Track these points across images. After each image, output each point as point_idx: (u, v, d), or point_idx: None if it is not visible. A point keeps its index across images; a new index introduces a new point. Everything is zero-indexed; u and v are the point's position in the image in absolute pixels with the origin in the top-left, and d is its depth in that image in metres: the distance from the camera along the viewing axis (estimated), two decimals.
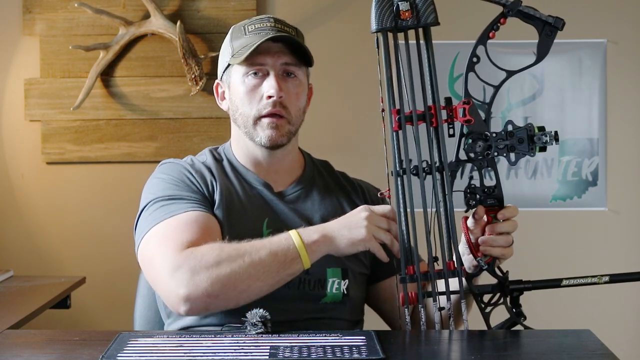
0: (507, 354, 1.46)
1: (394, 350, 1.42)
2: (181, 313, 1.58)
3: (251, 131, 1.73)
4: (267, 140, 1.72)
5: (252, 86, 1.72)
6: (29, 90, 3.32)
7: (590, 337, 1.52)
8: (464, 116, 1.62)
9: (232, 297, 1.56)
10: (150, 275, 1.65)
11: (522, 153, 1.63)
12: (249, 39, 1.72)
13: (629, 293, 3.30)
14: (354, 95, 3.38)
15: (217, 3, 3.33)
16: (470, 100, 1.63)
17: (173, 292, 1.56)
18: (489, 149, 1.63)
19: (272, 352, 1.39)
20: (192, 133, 3.30)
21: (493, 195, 1.64)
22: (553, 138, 1.62)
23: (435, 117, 1.62)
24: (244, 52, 1.70)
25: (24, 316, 2.33)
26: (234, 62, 1.73)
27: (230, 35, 1.78)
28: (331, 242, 1.59)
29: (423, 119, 1.62)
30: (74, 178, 3.35)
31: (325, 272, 1.71)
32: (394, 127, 1.61)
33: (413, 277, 1.57)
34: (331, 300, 1.71)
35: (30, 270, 3.27)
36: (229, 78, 1.77)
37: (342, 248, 1.60)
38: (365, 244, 1.59)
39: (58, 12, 3.31)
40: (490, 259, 1.61)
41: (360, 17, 3.39)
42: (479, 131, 1.63)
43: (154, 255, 1.62)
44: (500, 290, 1.62)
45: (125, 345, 1.43)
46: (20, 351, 1.45)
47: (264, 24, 1.74)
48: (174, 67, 3.31)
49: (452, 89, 3.34)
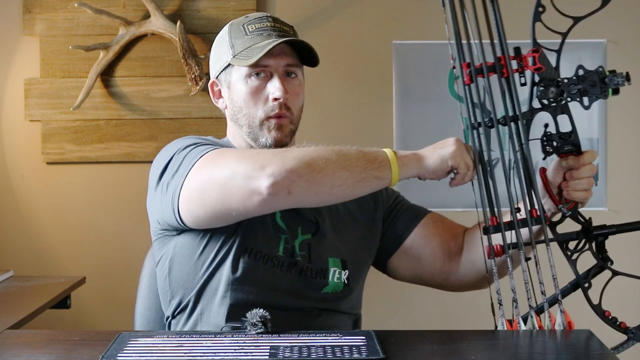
0: (507, 354, 1.46)
1: (394, 350, 1.42)
2: (262, 190, 1.50)
3: (256, 132, 1.73)
4: (272, 141, 1.72)
5: (256, 87, 1.72)
6: (29, 90, 3.32)
7: (590, 337, 1.52)
8: (534, 64, 1.63)
9: (316, 180, 1.52)
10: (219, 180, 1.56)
11: (595, 96, 1.64)
12: (252, 39, 1.72)
13: (629, 293, 3.30)
14: (354, 95, 3.39)
15: (217, 3, 3.33)
16: (539, 48, 1.63)
17: (256, 171, 1.51)
18: (561, 94, 1.64)
19: (272, 352, 1.39)
20: (192, 133, 3.29)
21: (570, 141, 1.66)
22: (625, 79, 1.62)
23: (505, 68, 1.63)
24: (253, 54, 1.69)
25: (24, 316, 2.33)
26: (242, 64, 1.70)
27: (229, 33, 1.75)
28: (421, 159, 1.61)
29: (493, 70, 1.63)
30: (74, 178, 3.35)
31: (327, 261, 1.72)
32: (466, 81, 1.64)
33: (497, 228, 1.60)
34: (332, 290, 1.72)
35: (30, 270, 3.28)
36: (228, 77, 1.76)
37: (432, 165, 1.61)
38: (454, 159, 1.60)
39: (58, 12, 3.31)
40: (572, 205, 1.64)
41: (360, 17, 3.39)
42: (550, 78, 1.63)
43: (226, 163, 1.57)
44: (585, 235, 1.63)
45: (125, 345, 1.43)
46: (20, 351, 1.45)
47: (264, 24, 1.73)
48: (174, 67, 3.31)
49: (452, 89, 3.34)
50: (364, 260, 1.81)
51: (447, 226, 1.86)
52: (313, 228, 1.74)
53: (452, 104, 3.34)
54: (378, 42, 3.37)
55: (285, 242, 1.70)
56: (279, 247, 1.70)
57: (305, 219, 1.74)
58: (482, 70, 1.62)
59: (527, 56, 1.63)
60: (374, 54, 3.39)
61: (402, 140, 3.36)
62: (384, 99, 3.37)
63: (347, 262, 1.75)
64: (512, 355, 1.46)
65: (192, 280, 1.70)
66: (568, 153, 1.65)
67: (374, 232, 1.83)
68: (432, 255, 1.83)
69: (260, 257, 1.68)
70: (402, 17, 3.39)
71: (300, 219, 1.74)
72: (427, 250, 1.83)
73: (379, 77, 3.36)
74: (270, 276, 1.68)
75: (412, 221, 1.84)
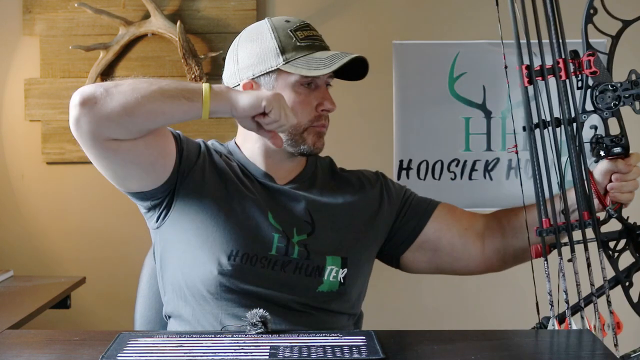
0: (507, 354, 1.46)
1: (394, 350, 1.42)
2: (75, 104, 1.54)
3: (297, 139, 1.74)
4: (313, 148, 1.75)
5: (305, 96, 1.73)
6: (29, 90, 3.32)
7: (590, 337, 1.52)
8: (589, 68, 1.66)
9: (124, 91, 1.54)
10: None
11: None
12: (306, 48, 1.73)
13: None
14: (354, 95, 3.38)
15: (217, 3, 3.33)
16: (594, 52, 1.66)
17: (75, 94, 1.56)
18: (617, 99, 1.68)
19: (272, 352, 1.39)
20: (192, 133, 3.27)
21: (620, 144, 1.69)
22: None
23: (564, 71, 1.66)
24: (317, 65, 1.70)
25: (24, 316, 2.33)
26: (305, 74, 1.70)
27: (276, 37, 1.73)
28: (236, 93, 1.59)
29: (551, 73, 1.67)
30: (74, 178, 3.35)
31: (325, 259, 1.72)
32: (525, 83, 1.67)
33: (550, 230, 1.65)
34: (328, 289, 1.72)
35: (30, 270, 3.28)
36: (271, 81, 1.73)
37: (243, 100, 1.58)
38: (269, 101, 1.58)
39: (58, 12, 3.31)
40: (617, 206, 1.70)
41: (360, 17, 3.39)
42: (603, 82, 1.67)
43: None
44: (627, 235, 1.68)
45: (125, 345, 1.43)
46: (20, 351, 1.45)
47: (311, 33, 1.76)
48: (174, 67, 3.31)
49: (452, 89, 3.34)
50: (365, 259, 1.81)
51: (461, 215, 1.88)
52: (308, 229, 1.74)
53: (452, 103, 3.34)
54: (378, 42, 3.37)
55: (279, 241, 1.70)
56: (272, 246, 1.70)
57: (300, 219, 1.74)
58: (541, 73, 1.66)
59: (583, 59, 1.66)
60: (374, 54, 3.38)
61: (402, 140, 3.36)
62: (384, 99, 3.36)
63: (348, 260, 1.75)
64: (512, 355, 1.46)
65: (180, 280, 1.71)
66: (617, 156, 1.68)
67: (375, 232, 1.83)
68: (449, 245, 1.85)
69: (248, 259, 1.68)
70: (402, 17, 3.39)
71: (295, 219, 1.74)
72: (442, 241, 1.85)
73: (379, 77, 3.36)
74: (258, 277, 1.68)
75: (424, 215, 1.86)
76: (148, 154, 1.63)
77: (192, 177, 1.71)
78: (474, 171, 3.35)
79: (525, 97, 1.66)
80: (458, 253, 1.85)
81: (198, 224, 1.70)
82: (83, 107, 1.54)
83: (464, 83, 3.34)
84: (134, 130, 1.57)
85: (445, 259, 1.86)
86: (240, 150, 1.81)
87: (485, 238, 1.85)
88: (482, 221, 1.88)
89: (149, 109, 1.55)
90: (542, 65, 1.65)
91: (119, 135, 1.57)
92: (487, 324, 3.29)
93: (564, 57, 1.65)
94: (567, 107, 1.67)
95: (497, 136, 3.34)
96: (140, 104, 1.54)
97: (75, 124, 1.56)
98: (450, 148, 3.36)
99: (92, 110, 1.54)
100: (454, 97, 3.35)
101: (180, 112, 1.58)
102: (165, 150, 1.67)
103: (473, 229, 1.86)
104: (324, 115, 1.76)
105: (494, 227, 1.85)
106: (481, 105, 3.35)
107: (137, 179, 1.67)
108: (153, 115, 1.56)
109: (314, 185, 1.81)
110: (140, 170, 1.65)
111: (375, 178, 1.88)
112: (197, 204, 1.70)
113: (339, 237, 1.76)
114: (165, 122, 1.60)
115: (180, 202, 1.71)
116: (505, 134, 3.33)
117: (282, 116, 1.60)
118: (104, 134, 1.56)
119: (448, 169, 3.36)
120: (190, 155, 1.72)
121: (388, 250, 1.86)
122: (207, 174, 1.72)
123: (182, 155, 1.70)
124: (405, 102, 3.36)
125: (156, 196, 1.70)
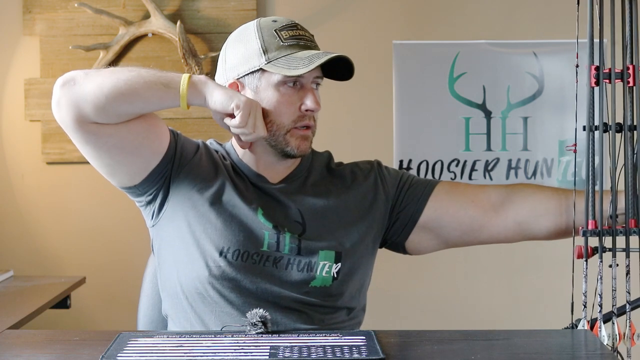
0: (507, 354, 1.46)
1: (394, 350, 1.42)
2: (57, 87, 1.63)
3: (280, 140, 1.73)
4: (297, 150, 1.73)
5: (289, 96, 1.72)
6: (29, 90, 3.32)
7: (590, 337, 1.52)
8: None
9: (104, 74, 1.61)
10: None
11: None
12: (289, 48, 1.71)
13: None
14: (354, 95, 3.38)
15: (217, 3, 3.34)
16: None
17: (56, 81, 1.64)
18: None
19: (272, 352, 1.39)
20: (192, 133, 3.29)
21: None
22: None
23: (632, 77, 1.67)
24: (297, 64, 1.68)
25: (24, 316, 2.33)
26: (284, 73, 1.69)
27: (260, 37, 1.73)
28: (212, 87, 1.64)
29: (619, 78, 1.67)
30: (74, 178, 3.35)
31: (318, 254, 1.72)
32: (592, 84, 1.67)
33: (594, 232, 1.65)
34: (320, 284, 1.72)
35: (30, 270, 3.28)
36: (255, 81, 1.73)
37: (217, 95, 1.63)
38: (241, 102, 1.62)
39: (58, 12, 3.32)
40: None
41: (360, 17, 3.39)
42: None
43: None
44: None
45: (125, 345, 1.43)
46: (20, 351, 1.45)
47: (295, 32, 1.73)
48: (174, 67, 3.31)
49: (452, 89, 3.34)
50: (361, 252, 1.80)
51: (465, 189, 1.86)
52: (299, 229, 1.74)
53: (452, 103, 3.34)
54: (378, 42, 3.37)
55: (270, 237, 1.70)
56: (263, 242, 1.70)
57: (291, 219, 1.74)
58: (609, 76, 1.66)
59: None
60: (374, 54, 3.39)
61: (402, 140, 3.36)
62: (384, 99, 3.37)
63: (343, 254, 1.75)
64: (512, 355, 1.46)
65: (174, 277, 1.72)
66: None
67: (371, 223, 1.81)
68: (454, 220, 1.83)
69: (239, 255, 1.68)
70: (402, 17, 3.39)
71: (286, 219, 1.73)
72: (445, 217, 1.83)
73: (379, 77, 3.36)
74: (251, 273, 1.68)
75: (422, 198, 1.83)
76: (132, 138, 1.66)
77: (186, 174, 1.72)
78: (474, 171, 3.36)
79: (589, 97, 1.66)
80: (465, 226, 1.83)
81: (190, 221, 1.70)
82: (62, 87, 1.62)
83: (464, 83, 3.34)
84: (112, 113, 1.62)
85: (453, 233, 1.84)
86: (234, 150, 1.81)
87: (502, 208, 1.82)
88: (499, 192, 1.85)
89: (124, 91, 1.60)
90: (611, 68, 1.65)
91: (98, 118, 1.62)
92: (488, 324, 3.29)
93: (635, 63, 1.65)
94: (632, 114, 1.67)
95: (497, 136, 3.34)
96: (116, 86, 1.60)
97: (56, 105, 1.64)
98: (450, 148, 3.36)
99: (71, 90, 1.61)
100: (454, 97, 3.35)
101: (156, 98, 1.62)
102: (151, 137, 1.69)
103: (483, 201, 1.82)
104: (308, 115, 1.73)
105: (519, 201, 1.82)
106: (481, 105, 3.35)
107: (126, 168, 1.69)
108: (129, 97, 1.61)
109: (306, 183, 1.80)
110: (126, 155, 1.67)
111: (369, 168, 1.86)
112: (190, 201, 1.71)
113: (332, 233, 1.76)
114: (142, 107, 1.64)
115: (174, 198, 1.72)
116: (505, 133, 3.34)
117: (249, 124, 1.63)
118: (82, 116, 1.61)
119: (448, 169, 3.36)
120: (186, 152, 1.73)
121: (391, 237, 1.85)
122: (201, 173, 1.73)
123: (175, 150, 1.72)
124: (405, 102, 3.37)
125: (148, 191, 1.72)
